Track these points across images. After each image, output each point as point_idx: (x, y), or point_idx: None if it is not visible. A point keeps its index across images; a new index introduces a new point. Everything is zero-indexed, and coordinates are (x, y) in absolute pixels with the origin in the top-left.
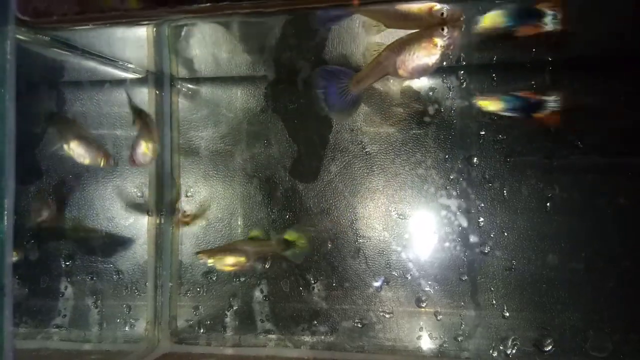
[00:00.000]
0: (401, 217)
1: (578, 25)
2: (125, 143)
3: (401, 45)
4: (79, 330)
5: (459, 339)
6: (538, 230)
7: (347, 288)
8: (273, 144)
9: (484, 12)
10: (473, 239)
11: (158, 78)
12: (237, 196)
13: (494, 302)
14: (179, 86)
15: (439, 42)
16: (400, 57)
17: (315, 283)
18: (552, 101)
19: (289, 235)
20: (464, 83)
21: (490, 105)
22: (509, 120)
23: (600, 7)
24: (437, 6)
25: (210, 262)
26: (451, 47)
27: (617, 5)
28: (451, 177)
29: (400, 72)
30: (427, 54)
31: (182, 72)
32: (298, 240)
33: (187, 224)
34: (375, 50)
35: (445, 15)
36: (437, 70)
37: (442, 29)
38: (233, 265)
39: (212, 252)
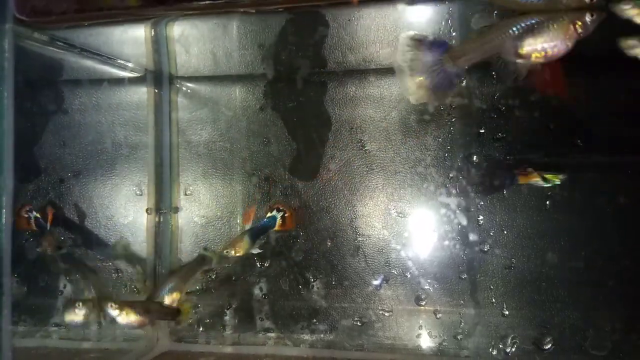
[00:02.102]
0: (400, 215)
1: None
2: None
3: (527, 24)
4: (78, 328)
5: (459, 337)
6: (537, 229)
7: (346, 286)
8: (272, 142)
9: None
10: (472, 237)
11: (157, 76)
12: (236, 194)
13: (494, 300)
14: (177, 85)
15: (581, 29)
16: (524, 36)
17: (314, 281)
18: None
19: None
20: (464, 81)
21: None
22: (509, 119)
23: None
24: None
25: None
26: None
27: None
28: (451, 175)
29: (522, 52)
30: (563, 39)
31: (181, 70)
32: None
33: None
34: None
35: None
36: None
37: (591, 15)
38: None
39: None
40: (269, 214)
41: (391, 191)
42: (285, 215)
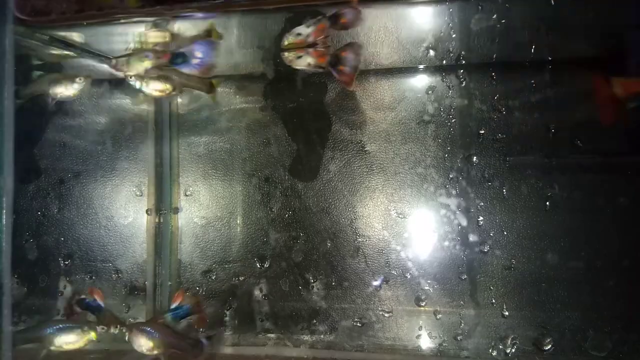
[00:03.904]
0: (400, 216)
1: (578, 26)
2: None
3: None
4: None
5: (459, 338)
6: (537, 229)
7: (346, 287)
8: (272, 143)
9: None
10: (472, 238)
11: None
12: (236, 195)
13: (494, 301)
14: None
15: None
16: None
17: (314, 282)
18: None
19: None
20: (464, 82)
21: None
22: (509, 119)
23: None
24: None
25: None
26: None
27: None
28: (450, 176)
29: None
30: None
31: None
32: None
33: None
34: None
35: None
36: (436, 69)
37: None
38: None
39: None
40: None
41: (391, 192)
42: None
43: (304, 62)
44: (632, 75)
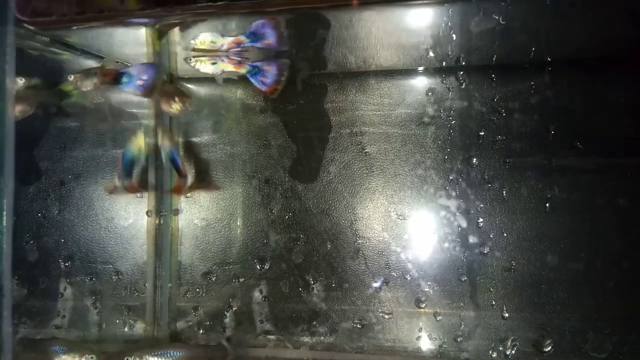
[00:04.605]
0: (400, 217)
1: (577, 26)
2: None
3: None
4: (78, 330)
5: (459, 339)
6: (537, 231)
7: (346, 289)
8: (272, 145)
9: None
10: (472, 239)
11: None
12: (236, 197)
13: (494, 302)
14: (178, 86)
15: None
16: None
17: (314, 284)
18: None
19: None
20: (464, 84)
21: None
22: (509, 121)
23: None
24: None
25: None
26: None
27: (617, 5)
28: (450, 178)
29: None
30: None
31: (182, 72)
32: None
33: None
34: None
35: None
36: (436, 71)
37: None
38: None
39: None
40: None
41: (391, 193)
42: None
43: (217, 68)
44: None
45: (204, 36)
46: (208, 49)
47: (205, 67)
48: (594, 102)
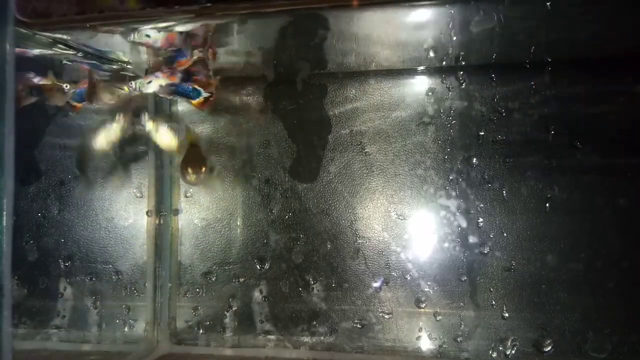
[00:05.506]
0: (400, 217)
1: (577, 26)
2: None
3: None
4: (78, 331)
5: (459, 339)
6: (537, 231)
7: (346, 289)
8: (272, 145)
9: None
10: (472, 239)
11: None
12: (236, 197)
13: (494, 302)
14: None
15: None
16: None
17: (314, 284)
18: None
19: None
20: (464, 84)
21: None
22: (509, 120)
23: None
24: None
25: None
26: None
27: (617, 5)
28: (450, 178)
29: None
30: None
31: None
32: None
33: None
34: None
35: None
36: (436, 71)
37: None
38: None
39: None
40: None
41: (391, 193)
42: None
43: (155, 85)
44: None
45: (144, 30)
46: (142, 43)
47: (146, 87)
48: (594, 102)
